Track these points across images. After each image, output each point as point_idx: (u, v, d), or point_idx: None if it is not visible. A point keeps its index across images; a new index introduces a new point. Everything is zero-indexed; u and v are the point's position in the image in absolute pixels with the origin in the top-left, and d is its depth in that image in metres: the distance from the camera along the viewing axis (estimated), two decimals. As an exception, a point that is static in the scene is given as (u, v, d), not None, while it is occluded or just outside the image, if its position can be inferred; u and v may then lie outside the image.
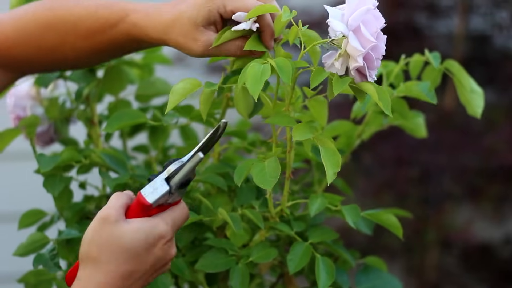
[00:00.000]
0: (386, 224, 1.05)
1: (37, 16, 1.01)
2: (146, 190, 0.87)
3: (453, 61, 1.11)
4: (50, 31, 1.01)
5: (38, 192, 1.21)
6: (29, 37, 1.02)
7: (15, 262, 1.22)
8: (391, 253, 2.43)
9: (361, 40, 0.88)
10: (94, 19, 0.98)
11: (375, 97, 0.89)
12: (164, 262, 0.89)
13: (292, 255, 1.00)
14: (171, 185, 0.88)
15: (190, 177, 0.89)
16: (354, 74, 0.91)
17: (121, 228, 0.85)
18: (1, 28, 1.03)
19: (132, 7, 0.97)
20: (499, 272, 2.49)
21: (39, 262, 1.05)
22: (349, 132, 1.17)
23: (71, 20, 1.00)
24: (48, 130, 1.25)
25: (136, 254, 0.85)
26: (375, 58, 0.90)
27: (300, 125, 0.93)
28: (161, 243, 0.87)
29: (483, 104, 1.11)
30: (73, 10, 1.00)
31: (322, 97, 0.98)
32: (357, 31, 0.88)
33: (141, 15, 0.96)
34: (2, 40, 1.03)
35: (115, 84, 1.23)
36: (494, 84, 2.47)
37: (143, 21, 0.96)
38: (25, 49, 1.02)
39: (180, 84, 0.96)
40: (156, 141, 1.24)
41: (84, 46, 1.00)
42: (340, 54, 0.90)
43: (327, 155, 0.91)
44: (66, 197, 1.13)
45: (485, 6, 2.51)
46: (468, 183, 2.43)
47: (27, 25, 1.02)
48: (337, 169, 0.91)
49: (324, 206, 1.01)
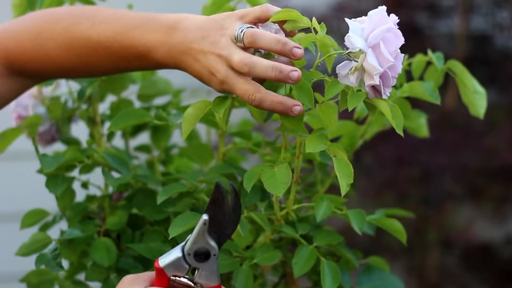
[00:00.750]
0: (390, 230, 1.05)
1: (55, 36, 1.00)
2: (163, 255, 0.86)
3: (456, 62, 1.10)
4: (70, 53, 0.99)
5: (40, 192, 1.21)
6: (49, 55, 1.00)
7: (17, 262, 1.22)
8: (392, 253, 2.43)
9: (379, 59, 0.88)
10: (115, 48, 0.97)
11: (389, 115, 0.89)
12: None
13: (297, 259, 1.00)
14: (184, 251, 0.85)
15: (207, 248, 0.85)
16: (368, 90, 0.90)
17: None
18: (19, 41, 1.02)
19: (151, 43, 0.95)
20: (499, 272, 2.49)
21: (41, 262, 1.05)
22: (352, 132, 1.17)
23: (91, 46, 0.98)
24: (50, 129, 1.25)
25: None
26: (391, 76, 0.89)
27: (312, 136, 0.93)
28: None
29: (485, 105, 1.11)
30: (91, 35, 0.98)
31: (332, 103, 0.97)
32: (376, 48, 0.88)
33: (164, 54, 0.95)
34: (19, 52, 1.02)
35: (117, 84, 1.23)
36: (495, 84, 2.47)
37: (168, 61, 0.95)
38: (44, 65, 1.01)
39: (189, 110, 0.95)
40: (159, 140, 1.24)
41: (108, 68, 1.00)
42: (356, 68, 0.89)
43: (340, 167, 0.91)
44: (68, 197, 1.13)
45: (486, 6, 2.51)
46: (469, 183, 2.43)
47: (46, 43, 1.00)
48: (351, 181, 0.90)
49: (330, 211, 1.01)
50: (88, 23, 0.98)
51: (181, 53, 0.94)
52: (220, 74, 0.91)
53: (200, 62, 0.92)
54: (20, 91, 1.06)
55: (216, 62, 0.91)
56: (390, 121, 0.90)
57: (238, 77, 0.91)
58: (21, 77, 1.05)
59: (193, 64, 0.93)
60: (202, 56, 0.92)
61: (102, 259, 1.06)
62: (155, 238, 1.08)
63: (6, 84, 1.04)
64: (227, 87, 0.92)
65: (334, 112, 0.98)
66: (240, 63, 0.90)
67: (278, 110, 0.91)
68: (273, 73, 0.89)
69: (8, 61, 1.03)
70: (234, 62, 0.90)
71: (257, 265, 1.03)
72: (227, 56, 0.91)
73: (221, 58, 0.91)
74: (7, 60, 1.03)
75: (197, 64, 0.93)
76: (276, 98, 0.90)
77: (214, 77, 0.92)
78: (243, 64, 0.90)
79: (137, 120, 1.08)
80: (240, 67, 0.90)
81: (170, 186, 1.04)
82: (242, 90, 0.91)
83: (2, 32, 1.03)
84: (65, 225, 1.14)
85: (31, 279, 1.11)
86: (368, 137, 1.17)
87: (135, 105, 1.26)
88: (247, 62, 0.89)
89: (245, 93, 0.90)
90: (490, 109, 1.17)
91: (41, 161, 1.07)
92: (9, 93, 1.05)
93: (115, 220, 1.10)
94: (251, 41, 0.90)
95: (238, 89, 0.91)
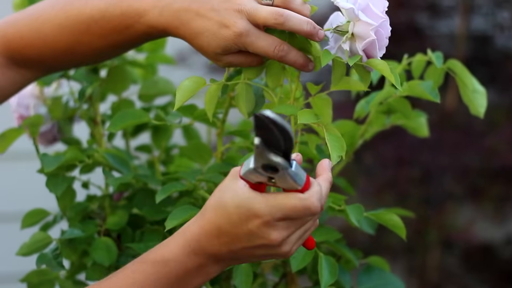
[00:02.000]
0: (389, 225, 1.05)
1: (51, 17, 1.01)
2: (244, 163, 0.85)
3: (456, 61, 1.11)
4: (64, 32, 1.00)
5: (41, 191, 1.21)
6: (44, 38, 1.01)
7: (18, 262, 1.22)
8: (393, 253, 2.43)
9: (371, 17, 0.91)
10: (107, 19, 0.98)
11: (387, 71, 0.90)
12: (262, 242, 0.84)
13: (295, 254, 1.00)
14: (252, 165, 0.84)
15: (271, 164, 0.82)
16: (362, 54, 0.92)
17: (233, 184, 0.85)
18: (17, 27, 1.03)
19: (142, 7, 0.95)
20: (500, 273, 2.49)
21: (42, 262, 1.05)
22: (352, 132, 1.17)
23: (84, 21, 0.99)
24: (51, 129, 1.25)
25: (227, 213, 0.84)
26: (384, 36, 0.92)
27: (305, 110, 0.94)
28: (256, 221, 0.83)
29: (486, 104, 1.11)
30: (84, 10, 0.99)
31: (325, 95, 0.98)
32: (366, 10, 0.91)
33: (155, 15, 0.95)
34: (17, 39, 1.03)
35: (118, 84, 1.23)
36: (495, 84, 2.46)
37: (159, 23, 0.95)
38: (40, 49, 1.02)
39: (186, 82, 0.96)
40: (159, 140, 1.24)
41: (100, 45, 1.00)
42: (347, 38, 0.92)
43: (332, 139, 0.91)
44: (69, 196, 1.13)
45: (486, 6, 2.51)
46: (470, 183, 2.43)
47: (42, 26, 1.01)
48: (342, 153, 0.91)
49: (328, 205, 1.01)
50: (83, 2, 1.00)
51: (175, 12, 0.94)
52: (237, 27, 0.91)
53: (206, 18, 0.93)
54: (20, 84, 1.06)
55: (232, 16, 0.91)
56: (388, 76, 0.90)
57: (260, 32, 0.92)
58: (20, 68, 1.05)
59: (191, 21, 0.93)
60: (210, 12, 0.92)
61: (103, 258, 1.07)
62: (155, 237, 1.08)
63: (6, 75, 1.05)
64: (247, 40, 0.92)
65: (327, 105, 0.98)
66: (274, 14, 0.91)
67: (299, 63, 0.93)
68: (308, 26, 0.91)
69: (7, 50, 1.04)
70: (263, 15, 0.91)
71: (257, 263, 1.03)
72: (249, 10, 0.91)
73: (241, 13, 0.91)
74: (6, 48, 1.04)
75: (198, 20, 0.93)
76: (298, 52, 0.93)
77: (227, 29, 0.92)
78: (278, 15, 0.90)
79: (135, 121, 1.08)
80: (273, 18, 0.90)
81: (169, 185, 1.04)
82: (266, 42, 0.92)
83: (4, 22, 1.05)
84: (66, 225, 1.14)
85: (31, 279, 1.11)
86: (368, 136, 1.18)
87: (136, 105, 1.26)
88: (282, 13, 0.91)
89: (270, 46, 0.92)
90: (490, 110, 1.17)
91: (42, 160, 1.07)
92: (10, 86, 1.05)
93: (116, 220, 1.10)
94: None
95: (262, 41, 0.92)
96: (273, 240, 0.84)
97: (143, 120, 1.08)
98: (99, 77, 1.20)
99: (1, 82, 1.05)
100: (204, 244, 0.86)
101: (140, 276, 0.87)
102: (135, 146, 1.28)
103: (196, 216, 0.88)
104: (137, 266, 0.88)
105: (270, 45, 0.92)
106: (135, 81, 1.28)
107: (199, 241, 0.86)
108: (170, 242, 0.87)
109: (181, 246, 0.86)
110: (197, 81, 0.96)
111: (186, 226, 0.88)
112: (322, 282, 1.00)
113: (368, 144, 1.22)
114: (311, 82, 0.98)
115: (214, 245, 0.86)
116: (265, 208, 0.83)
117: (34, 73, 1.07)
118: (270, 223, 0.83)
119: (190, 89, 0.96)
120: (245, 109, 1.00)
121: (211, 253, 0.86)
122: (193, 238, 0.86)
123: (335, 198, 1.04)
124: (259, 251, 0.85)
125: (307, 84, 0.99)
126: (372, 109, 1.14)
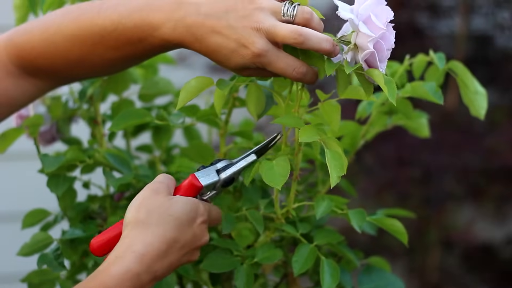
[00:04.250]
0: (391, 230, 1.05)
1: (63, 28, 0.99)
2: (199, 174, 0.95)
3: (457, 62, 1.10)
4: (76, 43, 0.98)
5: (42, 191, 1.21)
6: (56, 49, 1.00)
7: (19, 262, 1.22)
8: (393, 253, 2.43)
9: (371, 28, 0.89)
10: (120, 31, 0.95)
11: (381, 82, 0.88)
12: (198, 244, 0.92)
13: (297, 257, 1.00)
14: (220, 177, 0.95)
15: (234, 178, 0.96)
16: (363, 65, 0.91)
17: (171, 199, 0.91)
18: (28, 37, 1.01)
19: (155, 21, 0.93)
20: (500, 273, 2.49)
21: (43, 262, 1.05)
22: (353, 132, 1.17)
23: (97, 32, 0.97)
24: (50, 129, 1.25)
25: (180, 224, 0.90)
26: (385, 49, 0.90)
27: (307, 127, 0.92)
28: (200, 220, 0.92)
29: (486, 105, 1.11)
30: (97, 21, 0.97)
31: (334, 101, 0.97)
32: (367, 21, 0.89)
33: (169, 30, 0.93)
34: (28, 49, 1.01)
35: (118, 84, 1.23)
36: (495, 84, 2.47)
37: (173, 37, 0.93)
38: (52, 60, 1.01)
39: (192, 82, 0.96)
40: (160, 141, 1.24)
41: (114, 56, 0.98)
42: (350, 48, 0.90)
43: (333, 158, 0.90)
44: (69, 196, 1.13)
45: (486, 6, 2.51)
46: (470, 183, 2.43)
47: (54, 37, 0.99)
48: (342, 173, 0.90)
49: (330, 209, 1.01)
50: (95, 12, 0.98)
51: (188, 27, 0.92)
52: (256, 47, 0.89)
53: (222, 36, 0.90)
54: (32, 94, 1.05)
55: (251, 35, 0.90)
56: (382, 87, 0.88)
57: (279, 51, 0.91)
58: (32, 78, 1.04)
59: (207, 37, 0.91)
60: (227, 30, 0.90)
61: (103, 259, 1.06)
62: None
63: (18, 85, 1.03)
64: (265, 60, 0.90)
65: (336, 111, 0.98)
66: (293, 34, 0.89)
67: (312, 82, 0.93)
68: (327, 45, 0.90)
69: (19, 60, 1.02)
70: (282, 34, 0.89)
71: (258, 264, 1.03)
72: (268, 29, 0.89)
73: (260, 31, 0.90)
74: (18, 58, 1.02)
75: (214, 37, 0.91)
76: (314, 72, 0.93)
77: (246, 49, 0.90)
78: (298, 34, 0.89)
79: (137, 120, 1.08)
80: (293, 37, 0.89)
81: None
82: (285, 63, 0.91)
83: (15, 31, 1.03)
84: (67, 225, 1.14)
85: (32, 279, 1.11)
86: (369, 137, 1.18)
87: (136, 105, 1.26)
88: (302, 33, 0.89)
89: (289, 67, 0.91)
90: (490, 110, 1.17)
91: (42, 161, 1.07)
92: (22, 96, 1.04)
93: (116, 220, 1.10)
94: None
95: (281, 62, 0.91)
96: (206, 240, 0.93)
97: (146, 120, 1.08)
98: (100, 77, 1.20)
99: (14, 92, 1.04)
100: (149, 263, 0.88)
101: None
102: (136, 146, 1.28)
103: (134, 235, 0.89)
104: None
105: (290, 66, 0.91)
106: (135, 81, 1.28)
107: (142, 263, 0.88)
108: (109, 269, 0.87)
109: (124, 270, 0.87)
110: (204, 82, 0.96)
111: (126, 248, 0.88)
112: (324, 286, 1.00)
113: (368, 144, 1.22)
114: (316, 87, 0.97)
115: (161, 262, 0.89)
116: (203, 208, 0.93)
117: (46, 84, 1.05)
118: (205, 222, 0.93)
119: (195, 90, 0.95)
120: (255, 110, 0.99)
121: (154, 271, 0.88)
122: (138, 260, 0.87)
123: (337, 201, 1.04)
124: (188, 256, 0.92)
125: (317, 91, 0.99)
126: (374, 109, 1.14)
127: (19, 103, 1.05)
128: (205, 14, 0.91)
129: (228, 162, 0.96)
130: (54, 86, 1.07)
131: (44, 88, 1.06)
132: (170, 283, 1.02)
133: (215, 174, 0.95)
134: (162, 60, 1.30)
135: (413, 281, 2.48)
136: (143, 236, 0.88)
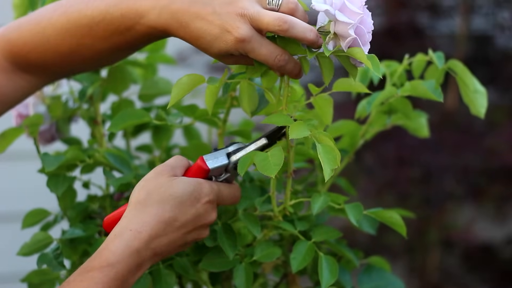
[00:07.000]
0: (389, 223, 1.05)
1: (53, 21, 1.00)
2: (207, 157, 0.96)
3: (456, 61, 1.11)
4: (66, 35, 1.00)
5: (42, 191, 1.21)
6: (47, 43, 1.01)
7: (19, 262, 1.22)
8: (393, 253, 2.43)
9: (348, 15, 0.89)
10: (108, 21, 0.97)
11: (364, 58, 0.88)
12: (203, 222, 0.94)
13: (295, 254, 1.00)
14: (230, 160, 0.96)
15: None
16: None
17: (172, 180, 0.93)
18: (20, 33, 1.02)
19: (142, 8, 0.94)
20: (500, 272, 2.49)
21: (43, 262, 1.05)
22: (353, 132, 1.17)
23: (85, 23, 0.98)
24: (50, 128, 1.25)
25: (180, 203, 0.92)
26: (365, 32, 0.90)
27: (297, 123, 0.92)
28: (205, 200, 0.93)
29: (486, 104, 1.11)
30: (85, 12, 0.98)
31: (327, 95, 0.98)
32: (343, 8, 0.89)
33: (155, 16, 0.94)
34: (20, 44, 1.02)
35: (118, 84, 1.23)
36: (495, 84, 2.47)
37: (159, 24, 0.94)
38: (44, 53, 1.02)
39: (184, 79, 0.96)
40: (160, 140, 1.24)
41: (103, 47, 0.99)
42: (330, 38, 0.90)
43: (325, 152, 0.90)
44: (69, 196, 1.13)
45: (487, 6, 2.51)
46: (470, 183, 2.43)
47: (45, 30, 1.01)
48: (335, 166, 0.89)
49: (327, 204, 1.01)
50: (83, 3, 0.99)
51: (173, 13, 0.92)
52: (239, 32, 0.89)
53: (207, 21, 0.91)
54: (25, 90, 1.06)
55: (235, 20, 0.90)
56: (366, 62, 0.88)
57: (262, 38, 0.91)
58: (25, 74, 1.05)
59: (191, 23, 0.92)
60: (212, 16, 0.90)
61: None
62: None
63: (11, 80, 1.04)
64: (248, 46, 0.90)
65: (329, 105, 0.98)
66: (278, 21, 0.89)
67: (294, 73, 0.93)
68: (311, 34, 0.90)
69: (12, 55, 1.03)
70: (266, 20, 0.89)
71: (257, 263, 1.03)
72: (252, 15, 0.90)
73: (244, 17, 0.90)
74: (10, 53, 1.03)
75: (198, 23, 0.91)
76: (296, 61, 0.93)
77: (229, 34, 0.90)
78: (283, 21, 0.89)
79: (136, 121, 1.08)
80: (277, 24, 0.89)
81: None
82: (267, 51, 0.91)
83: (8, 27, 1.04)
84: (67, 225, 1.14)
85: (32, 279, 1.11)
86: (369, 136, 1.17)
87: (136, 105, 1.26)
88: (286, 20, 0.89)
89: (271, 54, 0.91)
90: (490, 110, 1.18)
91: (43, 160, 1.07)
92: (15, 92, 1.05)
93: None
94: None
95: (263, 49, 0.91)
96: (213, 219, 0.94)
97: (145, 120, 1.08)
98: (100, 77, 1.20)
99: (7, 88, 1.04)
100: (147, 240, 0.90)
101: (91, 283, 0.88)
102: (136, 146, 1.28)
103: (133, 215, 0.92)
104: (84, 276, 0.89)
105: (272, 53, 0.91)
106: (135, 81, 1.28)
107: (140, 239, 0.90)
108: (109, 246, 0.90)
109: (124, 247, 0.89)
110: (195, 79, 0.96)
111: (124, 226, 0.91)
112: (323, 282, 1.00)
113: (368, 144, 1.22)
114: (312, 83, 0.98)
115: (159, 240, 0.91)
116: (209, 188, 0.94)
117: (39, 79, 1.06)
118: (212, 202, 0.94)
119: (187, 86, 0.96)
120: (249, 108, 0.99)
121: (153, 248, 0.91)
122: (135, 237, 0.90)
123: (335, 198, 1.04)
124: (194, 234, 0.94)
125: (309, 85, 0.99)
126: (374, 109, 1.14)
127: (11, 100, 1.06)
128: (190, 1, 0.92)
129: (241, 145, 0.97)
130: (46, 82, 1.08)
131: (37, 83, 1.06)
132: (169, 283, 1.02)
133: (224, 157, 0.96)
134: (162, 60, 1.30)
135: (413, 281, 2.48)
136: (140, 215, 0.91)
